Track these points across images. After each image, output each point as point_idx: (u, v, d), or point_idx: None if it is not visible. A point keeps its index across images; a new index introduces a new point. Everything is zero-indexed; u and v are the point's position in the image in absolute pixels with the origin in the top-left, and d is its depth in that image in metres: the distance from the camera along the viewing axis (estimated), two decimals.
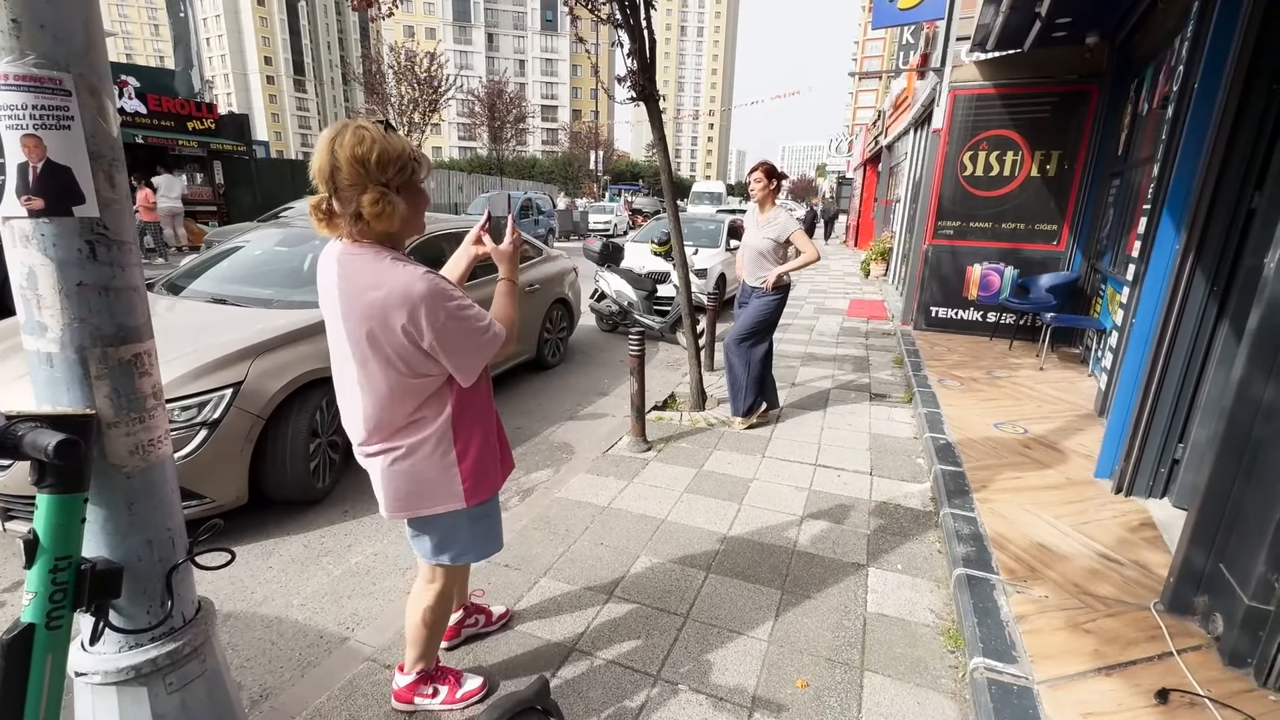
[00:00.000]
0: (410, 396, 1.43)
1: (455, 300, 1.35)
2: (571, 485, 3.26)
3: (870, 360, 5.90)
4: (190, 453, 2.63)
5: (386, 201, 1.29)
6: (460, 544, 1.59)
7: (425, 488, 1.49)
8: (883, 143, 14.64)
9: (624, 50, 3.57)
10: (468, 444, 1.51)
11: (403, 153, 1.31)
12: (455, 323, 1.35)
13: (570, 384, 5.34)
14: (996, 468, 3.32)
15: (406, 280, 1.30)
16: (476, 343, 1.40)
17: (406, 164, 1.33)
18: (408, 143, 1.35)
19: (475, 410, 1.53)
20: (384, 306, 1.30)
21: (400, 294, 1.29)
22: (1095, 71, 5.82)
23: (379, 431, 1.46)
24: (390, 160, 1.29)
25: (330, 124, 1.33)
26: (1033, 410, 4.28)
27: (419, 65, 20.82)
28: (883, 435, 4.01)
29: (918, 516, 2.98)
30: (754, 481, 3.33)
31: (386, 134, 1.30)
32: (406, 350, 1.35)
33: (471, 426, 1.52)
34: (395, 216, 1.32)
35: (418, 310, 1.30)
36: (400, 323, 1.31)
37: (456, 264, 1.73)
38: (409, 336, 1.33)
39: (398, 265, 1.32)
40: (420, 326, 1.31)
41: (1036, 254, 6.35)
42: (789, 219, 3.84)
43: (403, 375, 1.39)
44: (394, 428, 1.45)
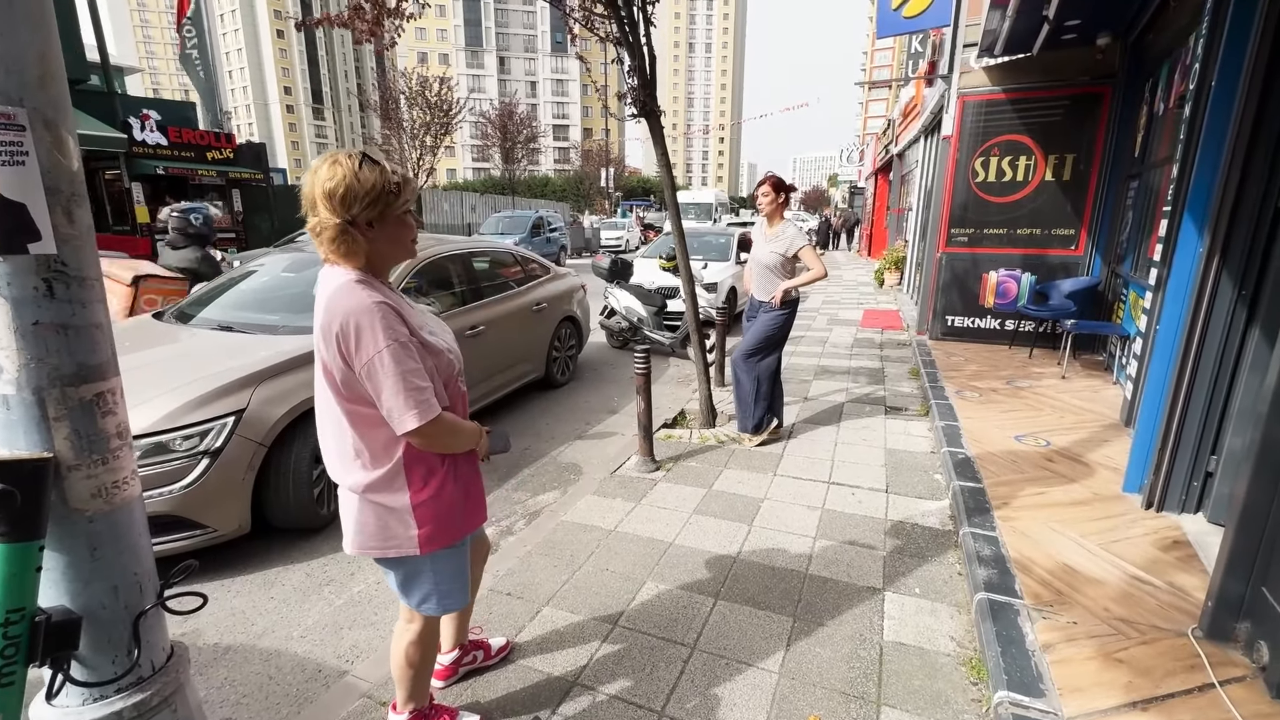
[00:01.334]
0: (361, 426, 1.39)
1: (392, 341, 1.30)
2: (578, 508, 3.19)
3: (885, 372, 5.77)
4: (192, 482, 2.61)
5: (348, 238, 1.32)
6: (421, 591, 1.54)
7: (379, 527, 1.44)
8: (893, 151, 14.54)
9: (624, 67, 3.56)
10: (424, 486, 1.45)
11: (374, 188, 1.30)
12: (383, 362, 1.30)
13: (579, 402, 5.29)
14: (1018, 483, 3.19)
15: (354, 302, 1.29)
16: (404, 398, 1.31)
17: (379, 199, 1.32)
18: (387, 175, 1.33)
19: (434, 456, 1.47)
20: (328, 324, 1.30)
21: (342, 313, 1.29)
22: (1108, 72, 5.70)
23: (340, 461, 1.44)
24: (356, 197, 1.29)
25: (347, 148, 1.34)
26: (1055, 421, 4.13)
27: (430, 90, 21.21)
28: (899, 450, 3.89)
29: (936, 536, 2.86)
30: (765, 501, 3.24)
31: (361, 169, 1.30)
32: (344, 369, 1.33)
33: (432, 469, 1.46)
34: (357, 251, 1.34)
35: (351, 330, 1.29)
36: (337, 343, 1.30)
37: None
38: (344, 354, 1.31)
39: (356, 288, 1.31)
40: (350, 346, 1.30)
41: (1054, 259, 6.20)
42: (797, 233, 3.78)
43: (351, 402, 1.37)
44: (350, 459, 1.42)
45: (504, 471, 3.88)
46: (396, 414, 1.32)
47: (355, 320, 1.28)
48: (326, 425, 1.44)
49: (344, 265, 1.35)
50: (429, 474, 1.45)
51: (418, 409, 1.32)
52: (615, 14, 3.33)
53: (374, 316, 1.28)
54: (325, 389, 1.39)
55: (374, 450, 1.40)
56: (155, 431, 2.56)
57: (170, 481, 2.57)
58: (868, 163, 22.45)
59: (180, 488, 2.59)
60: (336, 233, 1.30)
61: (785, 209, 3.88)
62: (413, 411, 1.31)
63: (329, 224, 1.29)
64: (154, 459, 2.55)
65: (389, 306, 1.32)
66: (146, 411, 2.60)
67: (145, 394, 2.70)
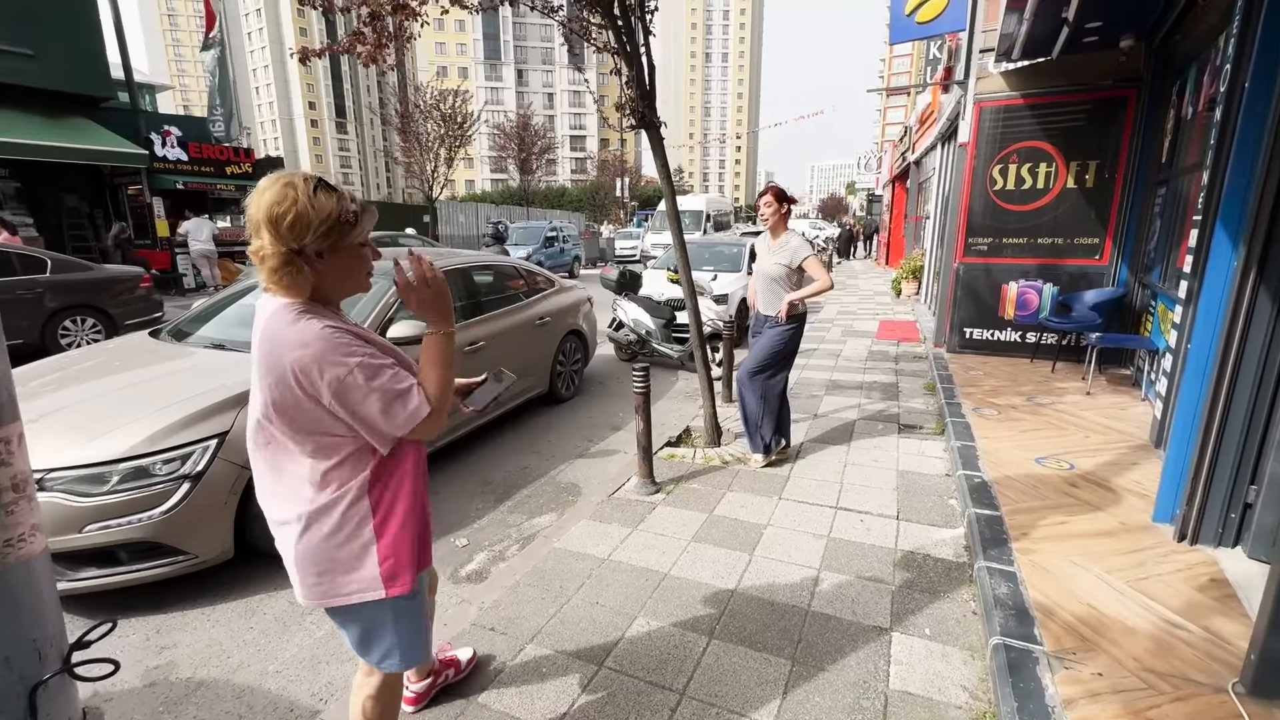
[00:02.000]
0: (318, 456, 1.28)
1: (360, 357, 1.21)
2: (572, 534, 3.06)
3: (900, 387, 5.57)
4: (172, 507, 2.53)
5: (292, 269, 1.20)
6: (382, 646, 1.41)
7: (337, 568, 1.31)
8: (910, 159, 14.31)
9: (622, 78, 3.46)
10: (387, 518, 1.33)
11: (328, 217, 1.20)
12: (357, 381, 1.20)
13: (583, 418, 5.18)
14: (1039, 511, 3.00)
15: (302, 334, 1.18)
16: (389, 411, 1.24)
17: (333, 228, 1.21)
18: (344, 204, 1.23)
19: (399, 479, 1.36)
20: (275, 363, 1.19)
21: (292, 349, 1.18)
22: (1132, 75, 5.49)
23: (283, 499, 1.32)
24: (307, 225, 1.18)
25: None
26: (1079, 441, 3.92)
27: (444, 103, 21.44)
28: (911, 473, 3.71)
29: (949, 569, 2.68)
30: (768, 528, 3.08)
31: (316, 195, 1.19)
32: (305, 405, 1.22)
33: (394, 498, 1.35)
34: (301, 284, 1.22)
35: (309, 364, 1.18)
36: (293, 376, 1.19)
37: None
38: (304, 390, 1.20)
39: (300, 318, 1.20)
40: (313, 382, 1.19)
41: (1077, 269, 5.96)
42: (801, 243, 3.64)
43: (309, 434, 1.25)
44: (298, 494, 1.30)
45: (501, 492, 3.78)
46: (388, 429, 1.25)
47: (311, 352, 1.17)
48: (267, 458, 1.31)
49: (286, 297, 1.24)
50: (394, 498, 1.34)
51: (412, 411, 1.25)
52: (612, 23, 3.24)
53: (328, 342, 1.18)
54: (267, 420, 1.26)
55: (334, 475, 1.28)
56: (134, 456, 2.50)
57: (149, 507, 2.50)
58: (885, 170, 22.17)
59: (160, 513, 2.52)
60: (280, 262, 1.19)
61: (789, 219, 3.75)
62: (406, 417, 1.25)
63: (272, 252, 1.19)
64: (133, 484, 2.49)
65: (339, 329, 1.22)
66: (126, 435, 2.54)
67: (127, 416, 2.65)
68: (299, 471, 1.29)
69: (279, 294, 1.24)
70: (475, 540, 3.22)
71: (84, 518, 2.42)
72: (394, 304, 3.75)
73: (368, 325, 3.50)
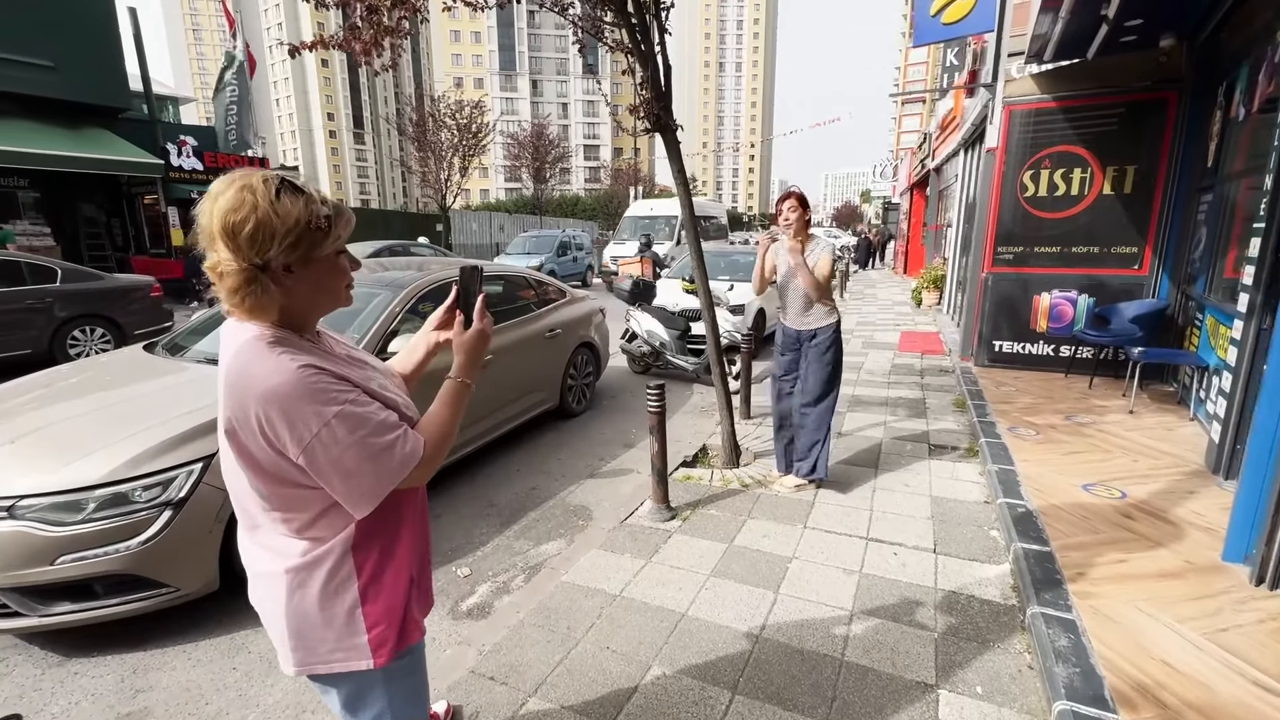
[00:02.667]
0: (293, 507, 1.08)
1: (340, 405, 1.01)
2: (581, 565, 2.85)
3: (928, 404, 5.30)
4: (152, 537, 2.35)
5: (255, 288, 0.99)
6: (374, 708, 1.20)
7: (316, 634, 1.11)
8: (930, 166, 14.02)
9: (636, 79, 3.28)
10: (377, 577, 1.14)
11: (296, 224, 0.99)
12: (335, 436, 1.00)
13: (595, 434, 4.97)
14: (1093, 546, 2.73)
15: (272, 375, 0.97)
16: (372, 465, 1.03)
17: (302, 238, 1.01)
18: (314, 207, 1.02)
19: (391, 532, 1.16)
20: (239, 406, 0.99)
21: (259, 393, 0.97)
22: (1172, 76, 5.21)
23: (258, 550, 1.12)
24: (271, 235, 0.97)
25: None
26: (1128, 466, 3.64)
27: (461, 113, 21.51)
28: (947, 499, 3.45)
29: (998, 613, 2.43)
30: (793, 561, 2.84)
31: (279, 199, 0.99)
32: (270, 455, 1.01)
33: (386, 556, 1.15)
34: (267, 305, 1.01)
35: (275, 414, 0.97)
36: (258, 423, 0.98)
37: (411, 353, 1.39)
38: (269, 442, 1.00)
39: (269, 352, 1.00)
40: (279, 434, 0.98)
41: (1115, 280, 5.67)
42: (828, 243, 3.43)
43: (280, 485, 1.05)
44: (273, 548, 1.10)
45: (507, 515, 3.58)
46: (369, 492, 1.05)
47: (279, 400, 0.97)
48: (239, 500, 1.12)
49: (250, 321, 1.04)
50: (385, 555, 1.15)
51: (402, 459, 1.06)
52: (625, 21, 3.06)
53: (303, 388, 0.98)
54: (233, 462, 1.06)
55: (311, 530, 1.09)
56: (112, 481, 2.33)
57: (127, 536, 2.32)
58: (902, 178, 21.87)
59: (139, 543, 2.34)
60: (241, 281, 0.99)
61: (809, 227, 3.52)
62: (395, 466, 1.06)
63: (231, 269, 0.99)
64: (111, 511, 2.31)
65: (318, 370, 1.01)
66: (105, 458, 2.37)
67: (107, 438, 2.48)
68: (273, 523, 1.10)
69: (242, 318, 1.04)
70: (478, 569, 3.02)
71: (57, 549, 2.25)
72: (398, 315, 3.58)
73: (367, 342, 3.33)
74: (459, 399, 1.22)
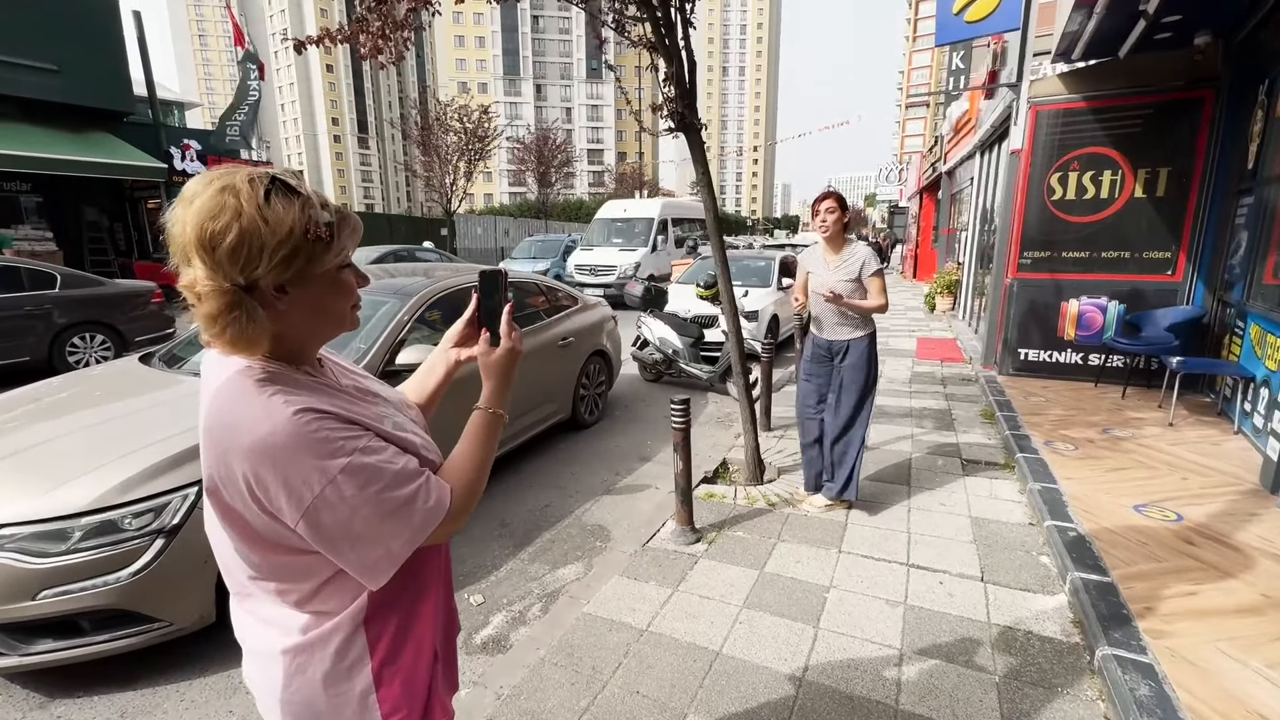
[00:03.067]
0: (291, 577, 0.88)
1: (348, 456, 0.81)
2: (603, 595, 2.65)
3: (954, 415, 5.10)
4: (142, 568, 2.17)
5: (239, 314, 0.78)
6: None
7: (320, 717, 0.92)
8: (941, 169, 13.83)
9: (660, 76, 3.10)
10: (394, 656, 0.94)
11: (290, 234, 0.78)
12: (343, 495, 0.80)
13: (609, 447, 4.78)
14: (1156, 576, 2.53)
15: (256, 420, 0.78)
16: (389, 526, 0.84)
17: (298, 250, 0.80)
18: (312, 212, 0.81)
19: (411, 595, 0.97)
20: (225, 450, 0.79)
21: (245, 442, 0.77)
22: (1208, 75, 5.02)
23: (253, 622, 0.93)
24: (259, 249, 0.77)
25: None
26: (1178, 485, 3.43)
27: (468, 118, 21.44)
28: (987, 520, 3.25)
29: (1061, 652, 2.23)
30: (831, 590, 2.65)
31: (269, 203, 0.78)
32: (263, 519, 0.82)
33: (405, 626, 0.96)
34: (255, 336, 0.80)
35: (266, 471, 0.77)
36: (246, 483, 0.79)
37: (427, 377, 1.18)
38: (261, 506, 0.80)
39: (257, 394, 0.80)
40: (272, 496, 0.79)
41: (1147, 286, 5.46)
42: (870, 254, 3.19)
43: (268, 549, 0.85)
44: (269, 621, 0.91)
45: (521, 536, 3.39)
46: (385, 559, 0.84)
47: (271, 454, 0.77)
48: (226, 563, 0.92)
49: (235, 355, 0.84)
50: (404, 628, 0.95)
51: (425, 515, 0.86)
52: (650, 14, 2.89)
53: (301, 438, 0.78)
54: (217, 521, 0.86)
55: (314, 603, 0.89)
56: (100, 508, 2.15)
57: (116, 568, 2.14)
58: (911, 181, 21.68)
59: (128, 575, 2.16)
60: (221, 305, 0.77)
61: (849, 230, 3.33)
62: (416, 526, 0.85)
63: (209, 290, 0.77)
64: (98, 541, 2.13)
65: (319, 414, 0.81)
66: (93, 483, 2.19)
67: (95, 460, 2.30)
68: (267, 593, 0.90)
69: (225, 351, 0.83)
70: (492, 597, 2.83)
71: (39, 582, 2.07)
72: (406, 325, 3.40)
73: (371, 357, 3.14)
74: (491, 433, 1.02)
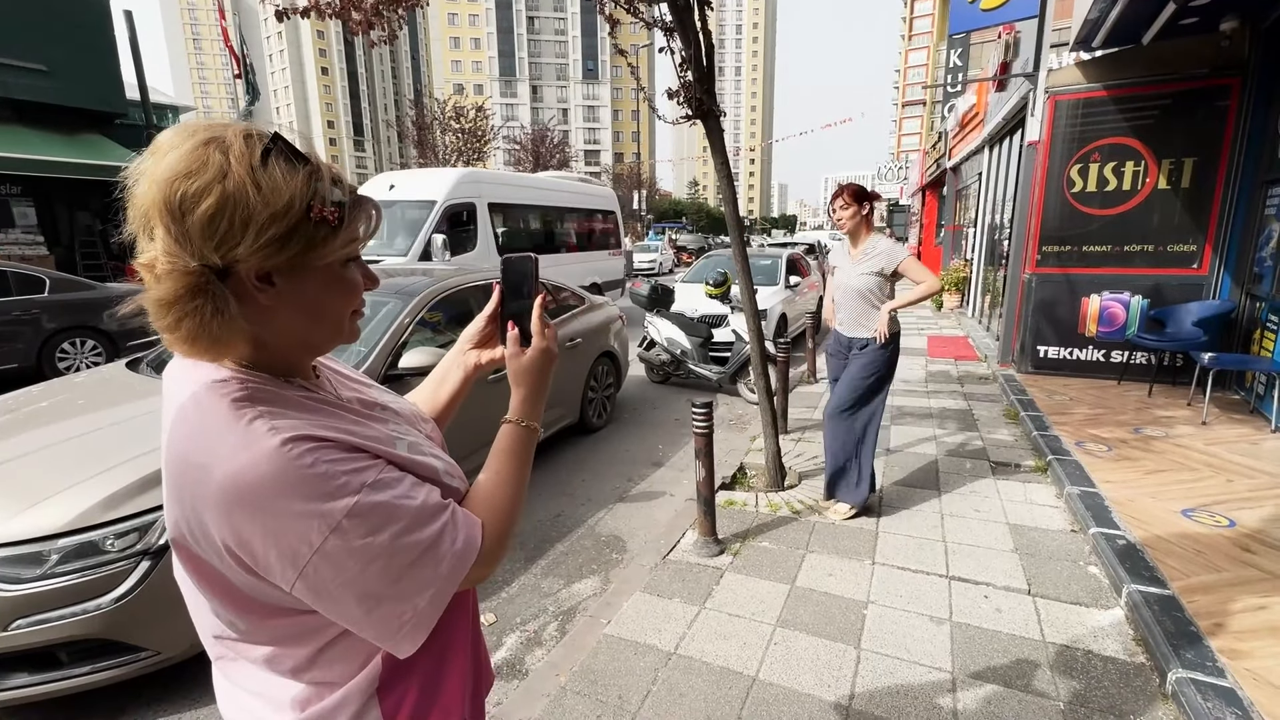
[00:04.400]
0: (284, 641, 0.69)
1: (354, 495, 0.61)
2: (625, 613, 2.48)
3: (975, 415, 4.93)
4: (126, 593, 1.99)
5: (203, 302, 0.59)
6: None
7: None
8: (946, 165, 13.67)
9: (675, 60, 2.93)
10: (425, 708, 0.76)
11: (287, 208, 0.59)
12: (350, 546, 0.61)
13: (619, 452, 4.60)
14: (1219, 588, 2.36)
15: (230, 455, 0.58)
16: (412, 579, 0.65)
17: (295, 230, 0.61)
18: (319, 185, 0.62)
19: (436, 654, 0.77)
20: (193, 495, 0.59)
21: (216, 487, 0.58)
22: (1235, 62, 4.86)
23: (231, 692, 0.74)
24: (245, 220, 0.58)
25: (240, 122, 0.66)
26: (1223, 487, 3.26)
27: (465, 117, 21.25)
28: (1026, 527, 3.07)
29: (1127, 674, 2.05)
30: (870, 606, 2.47)
31: (265, 165, 0.59)
32: (246, 579, 0.63)
33: (429, 693, 0.77)
34: (222, 337, 0.61)
35: (247, 524, 0.58)
36: (223, 540, 0.59)
37: (442, 384, 0.97)
38: (245, 567, 0.61)
39: (233, 418, 0.60)
40: (256, 554, 0.59)
41: (1171, 280, 5.30)
42: (893, 245, 3.06)
43: (258, 616, 0.66)
44: (256, 693, 0.71)
45: (532, 548, 3.21)
46: (412, 622, 0.66)
47: (253, 502, 0.58)
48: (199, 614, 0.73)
49: (198, 359, 0.65)
50: (428, 692, 0.76)
51: (453, 563, 0.67)
52: None
53: (292, 479, 0.58)
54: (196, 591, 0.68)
55: (315, 673, 0.70)
56: (80, 529, 1.97)
57: (97, 593, 1.96)
58: (913, 179, 21.56)
59: (111, 601, 1.97)
60: (180, 290, 0.59)
61: (872, 222, 3.16)
62: (441, 588, 0.66)
63: (168, 269, 0.59)
64: (78, 564, 1.95)
65: (316, 443, 0.61)
66: (71, 500, 2.01)
67: (75, 475, 2.12)
68: (254, 660, 0.70)
69: (181, 352, 0.65)
70: (504, 615, 2.65)
71: (12, 611, 1.89)
72: (409, 327, 3.22)
73: (372, 361, 2.96)
74: (526, 451, 0.82)
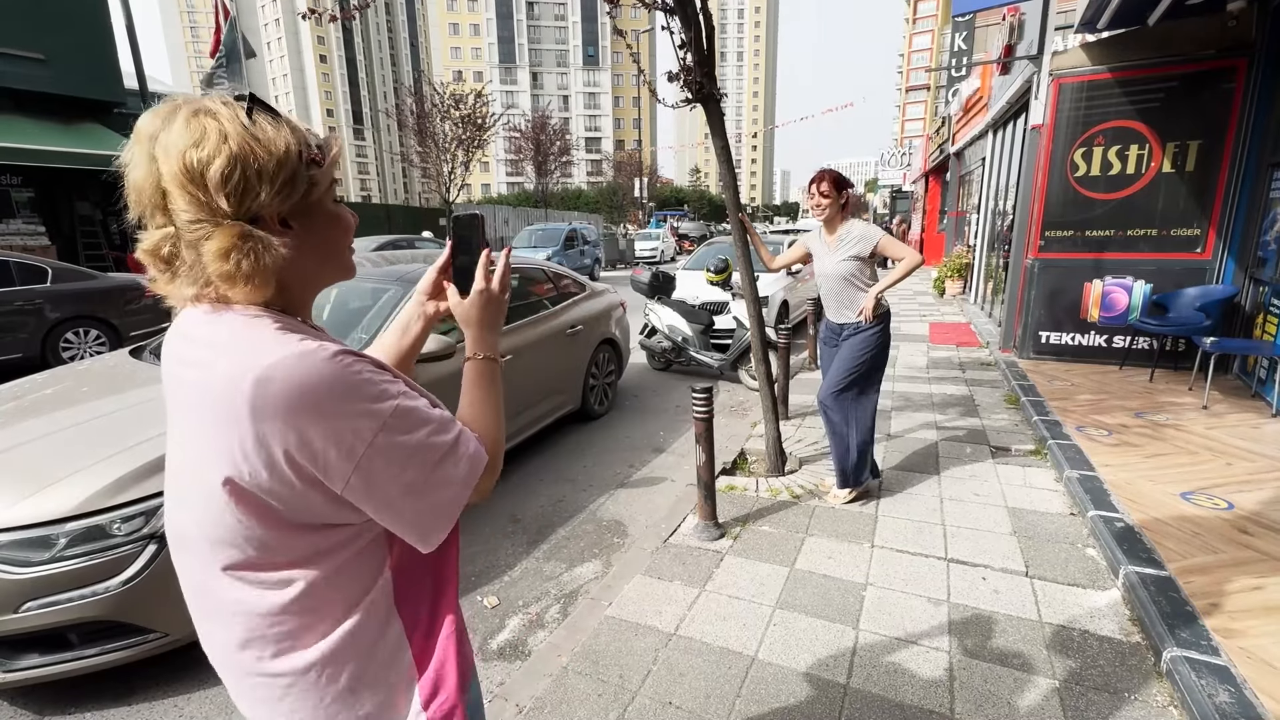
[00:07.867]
0: (311, 565, 0.71)
1: (393, 399, 0.68)
2: (626, 595, 2.50)
3: (977, 400, 4.94)
4: (134, 576, 2.02)
5: (250, 250, 0.66)
6: None
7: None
8: (949, 150, 13.57)
9: (675, 42, 2.91)
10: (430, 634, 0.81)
11: (287, 156, 0.67)
12: (395, 441, 0.68)
13: (620, 438, 4.62)
14: (1216, 569, 2.38)
15: (291, 366, 0.63)
16: (443, 472, 0.72)
17: (296, 175, 0.69)
18: (300, 132, 0.70)
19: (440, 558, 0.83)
20: (257, 413, 0.63)
21: (281, 396, 0.62)
22: (1242, 43, 4.80)
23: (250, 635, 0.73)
24: (258, 174, 0.65)
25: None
26: (1222, 471, 3.27)
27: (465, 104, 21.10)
28: (1025, 510, 3.09)
29: (1123, 653, 2.08)
30: (868, 588, 2.49)
31: (256, 123, 0.66)
32: (297, 493, 0.66)
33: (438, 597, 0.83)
34: (264, 275, 0.67)
35: (312, 426, 0.64)
36: (286, 450, 0.64)
37: (401, 335, 0.98)
38: (299, 473, 0.65)
39: (284, 338, 0.66)
40: (318, 455, 0.65)
41: (1175, 264, 5.28)
42: (867, 227, 3.04)
43: (296, 533, 0.69)
44: (279, 635, 0.72)
45: (534, 532, 3.24)
46: (444, 512, 0.74)
47: (316, 404, 0.63)
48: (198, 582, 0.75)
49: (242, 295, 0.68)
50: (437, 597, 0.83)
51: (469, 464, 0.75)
52: None
53: (346, 382, 0.65)
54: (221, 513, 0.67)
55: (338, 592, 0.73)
56: (87, 512, 1.99)
57: (105, 576, 1.99)
58: (916, 165, 21.40)
59: (119, 584, 2.00)
60: (234, 241, 0.65)
61: (849, 212, 3.13)
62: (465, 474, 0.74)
63: (210, 232, 0.64)
64: (86, 547, 1.98)
65: (355, 355, 0.68)
66: (78, 484, 2.04)
67: (82, 460, 2.14)
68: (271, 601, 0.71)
69: (235, 292, 0.67)
70: (507, 598, 2.68)
71: (22, 593, 1.92)
72: (397, 301, 3.25)
73: None
74: (491, 379, 0.87)
